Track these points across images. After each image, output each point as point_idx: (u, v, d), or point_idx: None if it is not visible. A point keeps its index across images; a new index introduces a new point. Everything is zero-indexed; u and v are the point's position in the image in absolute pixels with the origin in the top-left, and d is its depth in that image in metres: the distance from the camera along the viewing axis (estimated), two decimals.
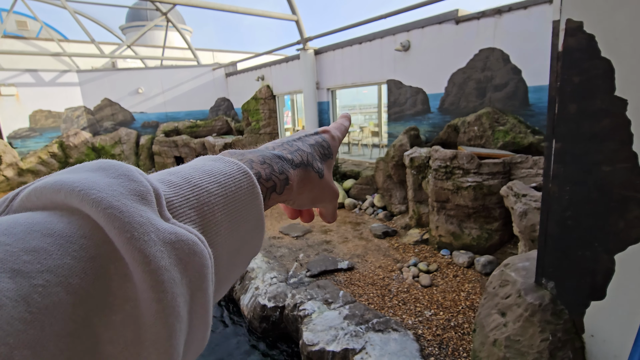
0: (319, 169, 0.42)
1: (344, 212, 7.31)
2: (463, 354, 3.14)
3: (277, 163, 0.37)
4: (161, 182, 0.27)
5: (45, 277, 0.18)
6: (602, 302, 1.80)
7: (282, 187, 0.36)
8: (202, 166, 0.30)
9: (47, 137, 12.28)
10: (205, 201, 0.27)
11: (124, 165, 0.25)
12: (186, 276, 0.22)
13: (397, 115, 7.61)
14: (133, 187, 0.23)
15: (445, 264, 4.78)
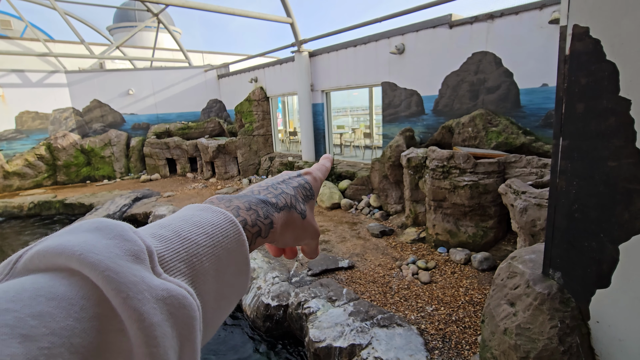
0: (301, 210, 0.45)
1: (340, 213, 7.38)
2: (466, 346, 3.24)
3: (263, 208, 0.39)
4: (153, 237, 0.29)
5: (50, 340, 0.20)
6: (607, 290, 1.91)
7: (267, 231, 0.38)
8: (191, 217, 0.33)
9: (34, 139, 11.96)
10: (194, 253, 0.30)
11: (118, 225, 0.27)
12: (176, 329, 0.25)
13: (391, 116, 7.74)
14: (127, 247, 0.25)
15: (443, 261, 4.90)
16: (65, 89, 12.36)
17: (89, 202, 9.69)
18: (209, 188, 10.67)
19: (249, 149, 11.34)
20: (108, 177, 12.68)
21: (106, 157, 12.57)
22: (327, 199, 7.66)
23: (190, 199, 9.36)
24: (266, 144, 11.65)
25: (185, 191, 10.40)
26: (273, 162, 10.83)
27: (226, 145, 11.41)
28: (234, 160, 11.77)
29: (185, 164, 12.69)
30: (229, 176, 11.72)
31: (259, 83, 11.69)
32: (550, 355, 1.91)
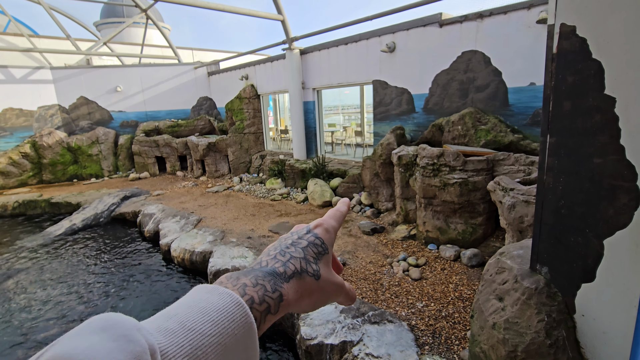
0: (314, 271, 0.43)
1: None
2: (455, 341, 3.28)
3: (270, 281, 0.39)
4: (159, 331, 0.30)
5: None
6: (592, 284, 1.95)
7: (277, 305, 0.38)
8: (197, 302, 0.34)
9: (18, 136, 11.66)
10: (199, 345, 0.30)
11: (124, 324, 0.28)
12: None
13: (382, 115, 7.77)
14: (130, 349, 0.26)
15: (433, 257, 4.95)
16: (50, 85, 12.08)
17: (76, 201, 9.50)
18: (199, 186, 10.57)
19: (239, 147, 11.25)
20: (96, 176, 12.45)
21: (94, 155, 12.34)
22: (319, 196, 7.66)
23: (180, 197, 9.26)
24: (257, 142, 11.58)
25: (175, 189, 10.28)
26: (264, 161, 10.78)
27: (217, 143, 11.31)
28: (224, 159, 11.68)
29: (175, 162, 12.54)
30: (220, 174, 11.63)
31: (249, 81, 11.60)
32: (537, 349, 1.95)
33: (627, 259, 1.83)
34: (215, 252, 5.46)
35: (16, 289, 5.57)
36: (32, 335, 4.38)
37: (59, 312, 4.85)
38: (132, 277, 5.76)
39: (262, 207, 8.00)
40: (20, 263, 6.52)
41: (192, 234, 6.33)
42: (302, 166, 8.94)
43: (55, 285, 5.62)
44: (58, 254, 6.85)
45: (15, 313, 4.88)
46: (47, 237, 7.62)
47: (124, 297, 5.15)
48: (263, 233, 6.26)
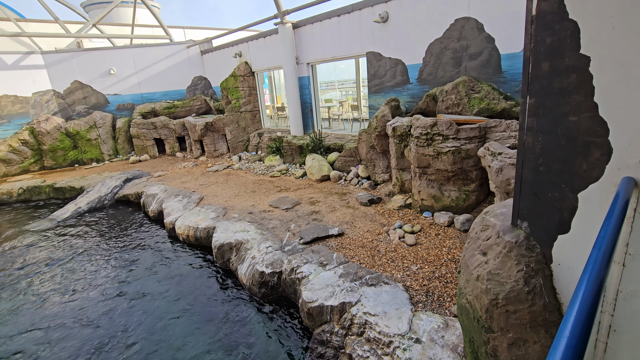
0: None
1: (330, 184, 7.53)
2: (447, 298, 3.49)
3: None
4: None
5: None
6: (567, 235, 2.10)
7: None
8: None
9: (15, 124, 11.67)
10: None
11: None
12: None
13: (377, 87, 7.76)
14: None
15: (428, 224, 5.13)
16: (43, 70, 11.94)
17: (79, 185, 9.65)
18: (199, 166, 10.68)
19: (237, 126, 11.27)
20: (96, 160, 12.55)
21: (92, 139, 12.38)
22: (317, 171, 7.78)
23: (181, 178, 9.40)
24: (254, 120, 11.58)
25: (175, 170, 10.40)
26: (262, 138, 10.83)
27: (214, 122, 11.32)
28: (222, 138, 11.72)
29: (174, 144, 12.59)
30: (219, 154, 11.71)
31: (243, 58, 11.45)
32: (516, 296, 2.12)
33: (599, 210, 1.97)
34: (218, 227, 5.65)
35: (27, 271, 5.81)
36: (45, 312, 4.63)
37: (71, 291, 5.09)
38: (140, 254, 5.99)
39: (262, 183, 8.14)
40: (28, 247, 6.75)
41: (195, 212, 6.51)
42: (299, 142, 9.01)
43: (66, 265, 5.86)
44: (66, 236, 7.07)
45: (26, 296, 5.13)
46: (53, 221, 7.83)
47: (134, 273, 5.39)
48: (264, 208, 6.43)
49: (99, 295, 4.89)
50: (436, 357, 2.79)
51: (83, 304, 4.71)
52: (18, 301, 4.91)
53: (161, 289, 4.90)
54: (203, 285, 4.94)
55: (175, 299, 4.66)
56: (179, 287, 4.93)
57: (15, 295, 5.06)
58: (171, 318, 4.27)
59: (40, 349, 3.94)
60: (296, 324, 3.98)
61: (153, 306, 4.54)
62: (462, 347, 2.84)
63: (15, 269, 5.87)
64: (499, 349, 2.24)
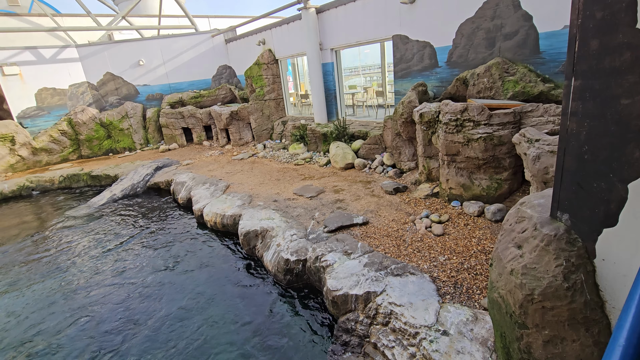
0: None
1: (354, 172, 7.45)
2: (477, 291, 3.39)
3: None
4: None
5: None
6: (614, 229, 1.94)
7: None
8: None
9: (55, 115, 12.33)
10: None
11: None
12: None
13: (403, 72, 7.50)
14: None
15: (456, 214, 4.96)
16: (78, 63, 12.46)
17: (114, 173, 10.12)
18: (225, 155, 10.88)
19: (261, 114, 11.33)
20: (129, 149, 13.08)
21: (125, 129, 12.89)
22: (341, 159, 7.71)
23: (208, 166, 9.62)
24: (278, 108, 11.59)
25: (202, 159, 10.66)
26: (286, 126, 10.84)
27: (239, 111, 11.43)
28: (247, 126, 11.84)
29: (201, 133, 12.87)
30: (244, 142, 11.86)
31: (267, 45, 11.40)
32: (554, 292, 2.01)
33: None
34: (244, 215, 5.75)
35: (67, 254, 6.19)
36: (89, 288, 4.93)
37: (110, 270, 5.39)
38: (171, 239, 6.22)
39: (286, 171, 8.18)
40: (69, 231, 7.19)
41: (221, 199, 6.66)
42: (323, 130, 8.93)
43: (102, 249, 6.19)
44: (102, 222, 7.46)
45: (66, 276, 5.48)
46: (92, 206, 8.27)
47: (165, 257, 5.61)
48: (288, 196, 6.47)
49: (133, 275, 5.14)
50: (464, 350, 2.72)
51: (117, 283, 4.97)
52: (60, 280, 5.26)
53: (190, 274, 5.08)
54: (230, 270, 5.07)
55: (203, 282, 4.81)
56: (207, 271, 5.09)
57: (57, 275, 5.42)
58: (199, 300, 4.42)
59: (78, 321, 4.21)
60: (320, 311, 4.01)
61: (181, 290, 4.72)
62: (492, 342, 2.75)
63: (57, 251, 6.27)
64: (534, 345, 2.14)
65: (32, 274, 5.59)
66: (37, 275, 5.55)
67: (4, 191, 9.99)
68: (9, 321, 4.48)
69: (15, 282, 5.41)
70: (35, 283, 5.31)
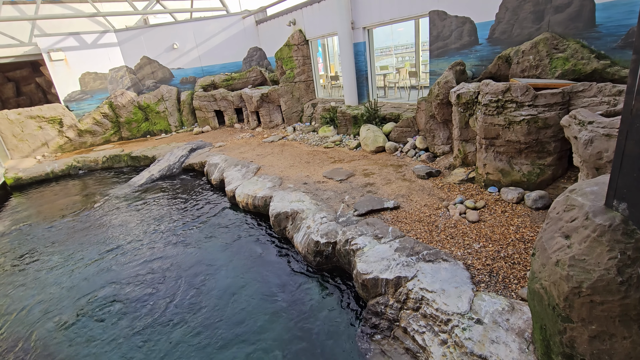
0: None
1: (384, 156, 7.30)
2: (514, 280, 3.25)
3: None
4: None
5: None
6: None
7: None
8: None
9: (97, 98, 12.98)
10: None
11: None
12: None
13: (440, 50, 7.13)
14: None
15: (493, 200, 4.75)
16: (116, 48, 12.93)
17: (151, 154, 10.58)
18: (255, 137, 11.02)
19: (291, 97, 11.29)
20: (165, 131, 13.57)
21: (160, 112, 13.35)
22: (372, 142, 7.57)
23: (239, 148, 9.80)
24: (308, 90, 11.49)
25: (234, 141, 10.87)
26: (316, 109, 10.75)
27: (269, 94, 11.46)
28: (277, 109, 11.87)
29: (232, 115, 13.08)
30: (274, 125, 11.93)
31: (297, 26, 11.22)
32: (605, 286, 1.87)
33: None
34: (274, 197, 5.83)
35: (114, 231, 6.61)
36: (131, 264, 5.26)
37: (149, 245, 5.70)
38: (205, 218, 6.46)
39: (316, 154, 8.16)
40: (115, 208, 7.65)
41: (252, 181, 6.78)
42: (353, 112, 8.77)
43: (141, 225, 6.55)
44: (141, 200, 7.87)
45: (109, 249, 5.85)
46: (132, 186, 8.73)
47: (199, 235, 5.85)
48: (318, 179, 6.47)
49: (170, 249, 5.42)
50: (499, 340, 2.65)
51: (155, 257, 5.26)
52: (105, 252, 5.64)
53: (223, 252, 5.27)
54: (261, 250, 5.20)
55: (236, 260, 4.98)
56: (237, 250, 5.25)
57: (103, 247, 5.82)
58: (232, 276, 4.60)
59: (119, 287, 4.52)
60: (349, 294, 4.04)
61: (212, 271, 4.91)
62: (529, 333, 2.65)
63: (102, 226, 6.71)
64: (578, 340, 2.03)
65: (80, 246, 6.04)
66: (85, 247, 5.99)
67: (54, 170, 10.77)
68: (63, 286, 4.89)
69: (67, 253, 5.87)
70: (83, 253, 5.74)
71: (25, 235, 6.94)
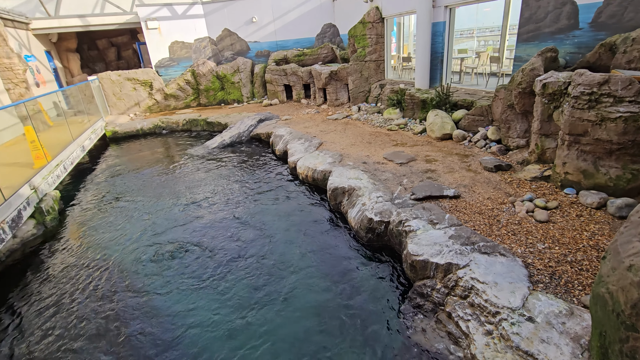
0: None
1: (450, 144, 7.02)
2: (578, 286, 3.05)
3: None
4: None
5: None
6: None
7: None
8: None
9: (182, 66, 14.21)
10: None
11: None
12: None
13: (530, 34, 6.49)
14: None
15: (568, 202, 4.38)
16: (202, 19, 13.88)
17: (224, 121, 11.41)
18: (320, 114, 11.23)
19: (360, 76, 11.20)
20: (237, 101, 14.45)
21: (235, 82, 14.19)
22: (438, 128, 7.30)
23: (304, 123, 10.12)
24: (377, 71, 11.28)
25: (300, 116, 11.21)
26: (383, 90, 10.56)
27: (338, 71, 11.49)
28: (344, 87, 11.89)
29: (300, 90, 13.41)
30: (339, 103, 12.00)
31: (374, 2, 10.92)
32: None
33: None
34: (333, 172, 6.01)
35: (188, 186, 7.39)
36: (203, 215, 5.90)
37: (216, 201, 6.32)
38: (266, 184, 6.92)
39: (378, 136, 8.12)
40: (190, 167, 8.51)
41: (314, 155, 7.03)
42: (423, 96, 8.47)
43: (212, 184, 7.23)
44: (213, 161, 8.63)
45: (184, 200, 6.58)
46: (206, 148, 9.60)
47: (259, 198, 6.31)
48: (378, 160, 6.49)
49: (232, 206, 5.95)
50: (550, 340, 2.56)
51: (221, 213, 5.83)
52: (179, 199, 6.39)
53: (279, 217, 5.65)
54: (315, 220, 5.47)
55: (290, 227, 5.32)
56: (295, 218, 5.58)
57: (176, 197, 6.58)
58: (285, 242, 4.94)
59: (190, 237, 5.14)
60: (396, 273, 4.13)
61: (270, 233, 5.30)
62: (586, 340, 2.51)
63: (178, 179, 7.55)
64: None
65: (160, 194, 6.90)
66: (164, 195, 6.83)
67: (143, 128, 12.19)
68: (143, 225, 5.70)
69: (149, 198, 6.76)
70: (161, 201, 6.56)
71: (117, 181, 8.10)
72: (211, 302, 3.92)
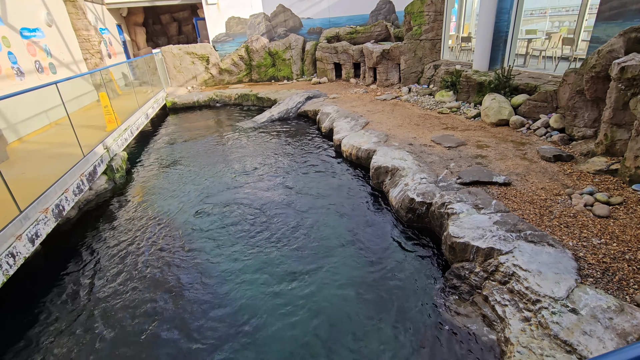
0: None
1: (506, 130, 6.63)
2: (633, 285, 2.86)
3: None
4: None
5: None
6: None
7: None
8: None
9: (237, 41, 14.63)
10: None
11: None
12: None
13: (614, 12, 5.80)
14: None
15: (636, 199, 4.00)
16: None
17: (274, 97, 11.70)
18: (369, 94, 11.07)
19: (413, 55, 10.78)
20: (287, 78, 14.65)
21: (286, 59, 14.35)
22: (494, 113, 6.90)
23: (351, 102, 10.06)
24: (433, 50, 10.77)
25: (347, 94, 11.15)
26: (437, 71, 10.10)
27: (390, 50, 11.15)
28: (396, 67, 11.54)
29: (350, 69, 13.24)
30: (389, 83, 11.71)
31: None
32: None
33: None
34: (378, 151, 6.00)
35: (238, 156, 7.79)
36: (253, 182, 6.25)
37: (263, 172, 6.63)
38: (311, 160, 7.09)
39: (428, 118, 7.87)
40: (240, 139, 8.93)
41: (359, 134, 7.03)
42: (480, 78, 7.99)
43: (259, 156, 7.55)
44: (262, 135, 8.96)
45: (234, 169, 6.96)
46: (256, 122, 9.97)
47: (303, 172, 6.51)
48: (425, 142, 6.34)
49: (280, 179, 6.21)
50: (593, 334, 2.46)
51: (267, 184, 6.12)
52: (228, 169, 6.79)
53: (323, 192, 5.80)
54: (357, 197, 5.55)
55: (334, 203, 5.46)
56: (337, 194, 5.70)
57: (226, 165, 6.99)
58: (328, 215, 5.10)
59: (242, 202, 5.48)
60: (434, 254, 4.12)
61: (314, 206, 5.47)
62: (633, 338, 2.39)
63: (229, 149, 7.98)
64: None
65: (212, 162, 7.38)
66: (216, 163, 7.28)
67: (199, 100, 12.89)
68: (196, 188, 6.17)
69: (203, 165, 7.26)
70: (213, 168, 7.02)
71: (175, 147, 8.75)
72: (260, 264, 4.22)
